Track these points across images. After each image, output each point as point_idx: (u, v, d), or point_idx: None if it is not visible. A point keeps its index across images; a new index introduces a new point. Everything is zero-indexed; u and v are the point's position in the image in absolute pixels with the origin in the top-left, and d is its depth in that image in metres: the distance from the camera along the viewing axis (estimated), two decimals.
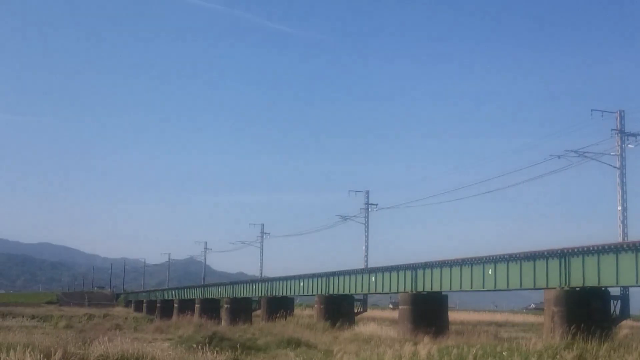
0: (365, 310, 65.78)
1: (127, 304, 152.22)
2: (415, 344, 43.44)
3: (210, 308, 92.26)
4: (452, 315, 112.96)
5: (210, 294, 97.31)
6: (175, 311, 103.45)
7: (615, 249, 33.86)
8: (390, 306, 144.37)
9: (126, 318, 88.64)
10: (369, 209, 65.59)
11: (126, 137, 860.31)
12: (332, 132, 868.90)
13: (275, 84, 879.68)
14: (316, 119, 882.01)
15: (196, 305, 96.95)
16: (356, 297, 63.96)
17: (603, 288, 36.87)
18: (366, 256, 64.28)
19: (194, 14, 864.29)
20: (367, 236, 65.31)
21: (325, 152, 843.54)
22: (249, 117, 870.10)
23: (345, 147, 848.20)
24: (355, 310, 64.41)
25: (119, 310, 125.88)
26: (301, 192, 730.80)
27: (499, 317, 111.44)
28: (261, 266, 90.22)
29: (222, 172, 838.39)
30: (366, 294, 63.09)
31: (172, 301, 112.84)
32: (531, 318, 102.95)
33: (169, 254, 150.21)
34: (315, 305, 64.96)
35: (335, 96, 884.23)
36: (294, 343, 41.78)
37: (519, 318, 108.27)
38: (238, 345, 40.04)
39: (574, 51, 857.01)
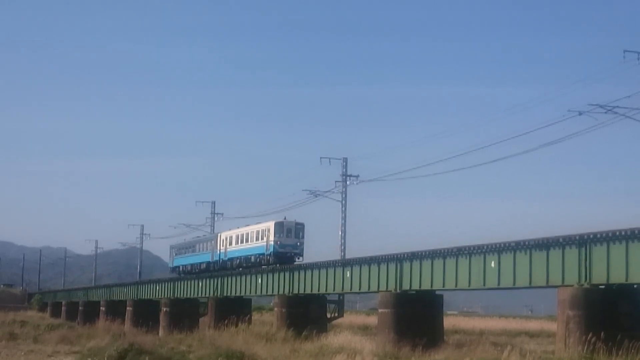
0: (342, 315, 65.97)
1: (43, 306, 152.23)
2: (397, 359, 43.88)
3: (147, 312, 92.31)
4: (471, 323, 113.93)
5: (147, 293, 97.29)
6: (102, 316, 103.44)
7: None
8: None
9: (23, 325, 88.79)
10: (347, 182, 65.43)
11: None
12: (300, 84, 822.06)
13: None
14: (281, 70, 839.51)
15: (128, 308, 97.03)
16: (331, 297, 64.05)
17: (635, 286, 36.97)
18: (343, 244, 64.22)
19: None
20: (344, 217, 65.18)
21: (291, 108, 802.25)
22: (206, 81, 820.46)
23: (318, 105, 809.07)
24: (329, 315, 64.57)
25: (30, 315, 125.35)
26: (259, 160, 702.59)
27: (532, 324, 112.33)
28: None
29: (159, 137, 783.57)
30: (341, 294, 63.13)
31: (98, 303, 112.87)
32: None
33: (96, 241, 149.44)
34: (276, 309, 65.01)
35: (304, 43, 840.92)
36: (236, 358, 41.88)
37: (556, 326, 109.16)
38: None
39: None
